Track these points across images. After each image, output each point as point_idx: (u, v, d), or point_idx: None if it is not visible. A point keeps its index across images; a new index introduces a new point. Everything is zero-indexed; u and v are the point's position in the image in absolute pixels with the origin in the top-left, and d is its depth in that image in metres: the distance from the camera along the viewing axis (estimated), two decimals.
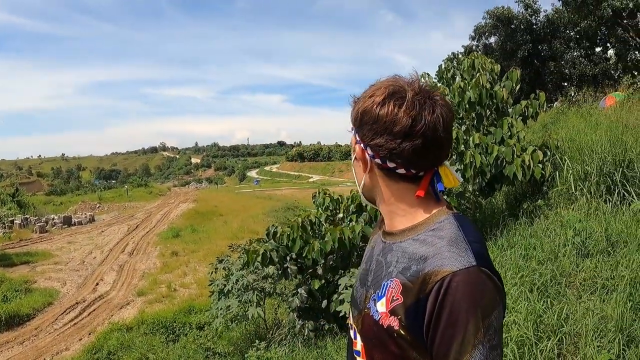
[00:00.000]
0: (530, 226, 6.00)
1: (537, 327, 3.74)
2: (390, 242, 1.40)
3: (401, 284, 1.25)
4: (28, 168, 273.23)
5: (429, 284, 1.18)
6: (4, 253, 24.96)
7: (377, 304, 1.31)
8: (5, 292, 16.84)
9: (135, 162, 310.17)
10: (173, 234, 28.75)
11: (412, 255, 1.28)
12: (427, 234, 1.30)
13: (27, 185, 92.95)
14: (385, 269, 1.36)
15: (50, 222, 37.67)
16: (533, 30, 24.60)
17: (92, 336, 13.03)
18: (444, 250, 1.22)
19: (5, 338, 13.45)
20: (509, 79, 7.29)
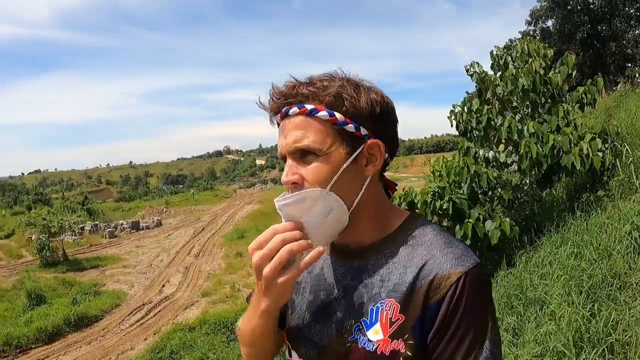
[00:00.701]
0: (587, 220, 5.63)
1: (580, 335, 3.39)
2: (360, 262, 1.22)
3: (398, 302, 1.12)
4: (97, 177, 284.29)
5: (440, 288, 1.09)
6: (74, 258, 26.02)
7: (368, 332, 1.14)
8: (74, 295, 17.52)
9: (201, 167, 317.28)
10: (238, 235, 29.16)
11: (404, 268, 1.15)
12: (411, 242, 1.19)
13: (97, 193, 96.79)
14: (366, 293, 1.18)
15: (119, 228, 38.95)
16: (590, 10, 23.65)
17: (157, 336, 13.36)
18: (444, 253, 1.13)
19: (74, 338, 14.02)
20: (564, 63, 6.93)
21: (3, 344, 13.39)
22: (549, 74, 6.89)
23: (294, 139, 1.15)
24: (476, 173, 6.65)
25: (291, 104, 1.16)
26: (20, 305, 16.98)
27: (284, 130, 1.18)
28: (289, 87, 1.19)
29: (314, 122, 1.15)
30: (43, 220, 26.97)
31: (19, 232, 39.08)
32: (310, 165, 1.15)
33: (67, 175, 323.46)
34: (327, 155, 1.14)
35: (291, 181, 1.15)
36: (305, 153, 1.15)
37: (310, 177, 1.14)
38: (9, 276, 22.98)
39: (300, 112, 1.15)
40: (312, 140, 1.14)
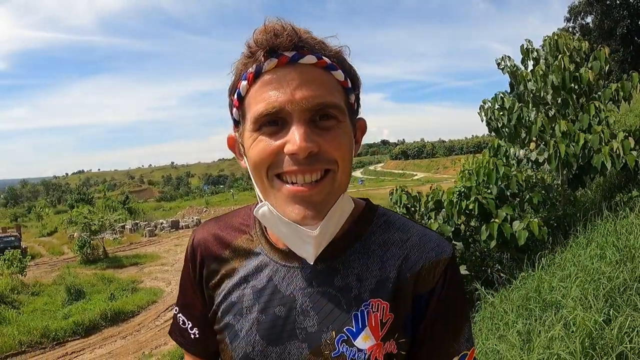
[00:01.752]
0: (614, 221, 5.42)
1: (591, 342, 3.21)
2: (327, 263, 1.03)
3: (386, 300, 1.00)
4: (139, 177, 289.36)
5: (430, 277, 1.01)
6: (114, 256, 26.60)
7: (356, 341, 0.98)
8: (112, 291, 17.90)
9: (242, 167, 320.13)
10: None
11: (382, 262, 1.03)
12: (380, 233, 1.07)
13: (139, 193, 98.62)
14: (343, 298, 1.01)
15: (159, 227, 39.60)
16: (630, 4, 22.94)
17: None
18: (424, 241, 1.05)
19: (110, 333, 14.33)
20: (597, 58, 6.67)
21: (41, 336, 13.75)
22: (581, 69, 6.67)
23: (318, 92, 0.91)
24: (505, 175, 6.51)
25: (302, 50, 0.92)
26: (60, 300, 17.46)
27: (295, 78, 0.91)
28: (288, 29, 0.92)
29: (332, 79, 0.95)
30: (84, 218, 27.62)
31: (61, 230, 40.27)
32: (331, 132, 0.93)
33: (110, 175, 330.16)
34: (344, 123, 0.95)
35: (311, 149, 0.89)
36: (324, 115, 0.92)
37: (333, 145, 0.93)
38: (50, 272, 23.62)
39: (318, 64, 0.93)
40: (338, 99, 0.94)
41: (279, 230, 0.99)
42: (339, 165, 0.93)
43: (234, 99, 1.00)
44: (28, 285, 19.77)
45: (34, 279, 21.21)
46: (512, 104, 6.95)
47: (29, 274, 21.14)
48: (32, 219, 60.07)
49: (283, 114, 0.90)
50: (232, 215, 1.21)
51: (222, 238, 1.15)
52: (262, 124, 0.92)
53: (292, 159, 0.90)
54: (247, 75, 0.94)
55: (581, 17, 24.78)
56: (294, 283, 1.04)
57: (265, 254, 1.09)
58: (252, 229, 1.14)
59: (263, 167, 0.94)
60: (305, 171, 0.91)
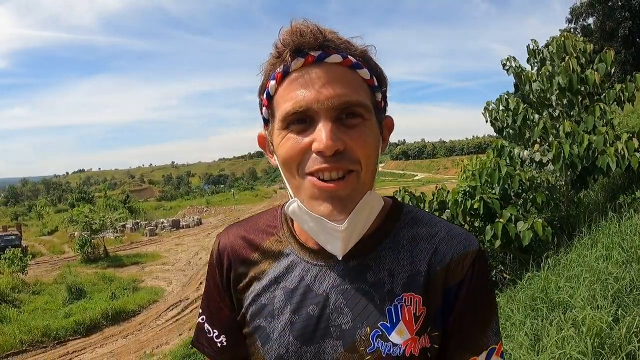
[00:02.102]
0: (619, 222, 5.45)
1: (600, 342, 3.22)
2: (358, 260, 1.04)
3: (419, 294, 1.01)
4: (140, 176, 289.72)
5: (458, 270, 1.03)
6: (115, 255, 26.61)
7: (391, 336, 0.99)
8: (114, 290, 17.90)
9: (242, 167, 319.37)
10: None
11: (412, 257, 1.04)
12: (408, 228, 1.08)
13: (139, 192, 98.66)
14: (376, 293, 1.02)
15: (160, 226, 39.59)
16: (632, 5, 22.95)
17: (192, 332, 13.49)
18: (451, 235, 1.06)
19: (111, 332, 14.33)
20: (603, 60, 6.68)
21: (42, 335, 13.75)
22: (587, 71, 6.68)
23: (344, 91, 0.93)
24: (508, 175, 6.51)
25: (328, 49, 0.95)
26: (61, 299, 17.45)
27: (321, 77, 0.93)
28: (313, 29, 0.95)
29: (358, 77, 0.97)
30: (85, 217, 27.62)
31: (62, 229, 40.26)
32: (356, 130, 0.94)
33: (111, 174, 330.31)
34: (370, 121, 0.97)
35: (337, 147, 0.91)
36: (350, 113, 0.94)
37: (358, 144, 0.94)
38: (51, 271, 23.62)
39: (344, 62, 0.95)
40: (364, 97, 0.95)
41: (308, 226, 1.00)
42: (362, 163, 0.95)
43: (263, 98, 1.02)
44: (29, 284, 19.76)
45: (35, 277, 21.21)
46: (516, 105, 6.95)
47: (29, 272, 21.12)
48: (32, 217, 60.00)
49: (310, 113, 0.92)
50: (256, 217, 1.22)
51: (249, 240, 1.15)
52: (290, 122, 0.94)
53: (319, 156, 0.92)
54: (275, 75, 0.96)
55: (583, 18, 24.82)
56: (326, 281, 1.04)
57: (295, 254, 1.09)
58: (279, 230, 1.14)
59: (292, 164, 0.96)
60: (332, 168, 0.92)
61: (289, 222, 1.14)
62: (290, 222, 1.14)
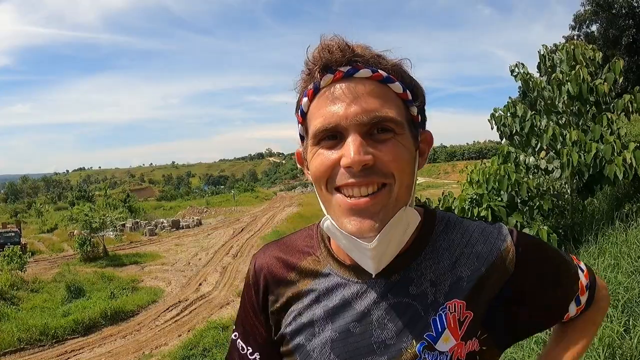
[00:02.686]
0: (626, 231, 5.43)
1: (612, 352, 3.20)
2: (400, 274, 1.03)
3: (462, 299, 1.00)
4: (140, 175, 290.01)
5: (505, 267, 1.03)
6: (114, 254, 26.57)
7: (437, 345, 0.98)
8: (113, 290, 17.87)
9: (243, 168, 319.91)
10: (277, 237, 28.69)
11: (451, 264, 1.03)
12: (443, 235, 1.08)
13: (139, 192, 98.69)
14: (420, 305, 1.01)
15: (160, 226, 39.60)
16: (636, 13, 23.02)
17: (191, 333, 13.50)
18: (485, 235, 1.07)
19: (110, 332, 14.30)
20: (612, 70, 6.63)
21: (40, 333, 13.72)
22: (596, 80, 6.64)
23: (373, 107, 0.92)
24: (517, 182, 6.49)
25: (356, 64, 0.94)
26: (60, 298, 17.43)
27: (349, 93, 0.93)
28: (342, 44, 0.95)
29: (390, 92, 0.95)
30: (85, 216, 27.61)
31: (62, 227, 40.27)
32: (387, 145, 0.93)
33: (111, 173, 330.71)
34: (403, 136, 0.95)
35: (366, 161, 0.90)
36: (381, 128, 0.93)
37: (390, 158, 0.92)
38: (50, 269, 23.60)
39: (374, 77, 0.94)
40: (395, 112, 0.94)
41: (342, 243, 1.01)
42: (396, 178, 0.93)
43: (297, 115, 1.03)
44: (27, 282, 19.74)
45: (34, 275, 21.19)
46: (524, 112, 6.92)
47: (28, 270, 21.10)
48: (32, 215, 60.07)
49: (339, 129, 0.93)
50: (292, 237, 1.22)
51: (286, 261, 1.15)
52: (321, 138, 0.95)
53: (347, 172, 0.92)
54: (307, 92, 0.98)
55: (586, 25, 24.86)
56: (367, 298, 1.03)
57: (335, 273, 1.09)
58: (317, 250, 1.14)
59: (322, 180, 0.96)
60: (361, 184, 0.92)
61: (326, 241, 1.13)
62: (327, 241, 1.13)
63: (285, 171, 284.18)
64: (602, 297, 1.22)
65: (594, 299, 1.19)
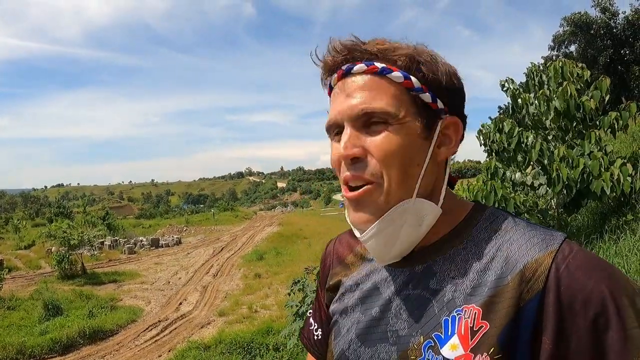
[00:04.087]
0: (616, 244, 5.49)
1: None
2: (424, 265, 1.01)
3: (479, 306, 0.90)
4: (119, 193, 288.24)
5: (534, 280, 0.87)
6: (93, 272, 26.17)
7: (443, 349, 0.91)
8: (91, 308, 17.54)
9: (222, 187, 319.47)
10: (257, 256, 28.96)
11: (481, 265, 0.94)
12: (484, 234, 0.99)
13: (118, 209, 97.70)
14: (435, 302, 0.96)
15: (139, 244, 39.24)
16: (613, 34, 23.74)
17: (171, 353, 13.27)
18: (526, 238, 0.93)
19: (88, 351, 13.95)
20: (598, 88, 6.77)
21: (16, 352, 13.38)
22: (583, 97, 6.75)
23: (362, 100, 0.95)
24: (503, 197, 6.51)
25: (356, 60, 0.98)
26: (36, 316, 17.01)
27: (344, 90, 0.98)
28: (351, 42, 0.99)
29: (386, 83, 0.95)
30: (63, 233, 27.21)
31: (39, 244, 39.59)
32: (378, 136, 0.94)
33: (90, 190, 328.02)
34: (400, 125, 0.94)
35: (352, 155, 0.94)
36: (373, 120, 0.94)
37: (377, 150, 0.93)
38: (27, 286, 23.13)
39: (368, 70, 0.96)
40: (385, 103, 0.94)
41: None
42: (385, 173, 0.94)
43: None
44: (4, 299, 19.30)
45: (10, 292, 20.71)
46: (511, 128, 6.97)
47: (4, 287, 20.63)
48: (9, 231, 58.93)
49: (339, 124, 0.99)
50: None
51: (349, 244, 1.24)
52: (332, 133, 1.02)
53: (344, 164, 0.97)
54: (327, 92, 1.06)
55: (565, 45, 25.47)
56: (392, 286, 1.05)
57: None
58: None
59: (337, 170, 1.01)
60: (351, 177, 0.96)
61: None
62: None
63: (265, 190, 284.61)
64: None
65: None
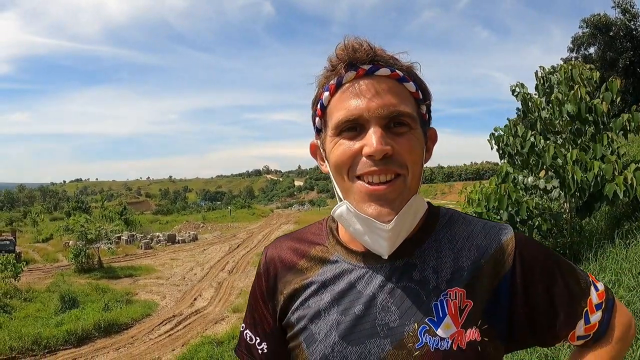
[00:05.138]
0: (626, 249, 5.49)
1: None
2: (404, 259, 1.08)
3: (463, 288, 1.04)
4: (137, 189, 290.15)
5: (504, 260, 1.08)
6: (109, 266, 26.43)
7: (438, 330, 1.02)
8: (107, 302, 17.74)
9: (240, 185, 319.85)
10: None
11: (453, 253, 1.09)
12: (446, 227, 1.14)
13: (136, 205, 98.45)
14: (422, 290, 1.05)
15: (155, 240, 39.44)
16: (633, 36, 23.39)
17: (185, 348, 13.39)
18: (487, 229, 1.13)
19: (103, 344, 14.15)
20: (609, 89, 6.74)
21: (32, 343, 13.58)
22: (595, 100, 6.69)
23: (393, 102, 1.01)
24: (517, 201, 6.52)
25: (377, 63, 1.03)
26: (53, 308, 17.29)
27: (371, 88, 1.01)
28: (365, 45, 1.04)
29: (406, 90, 1.05)
30: (81, 227, 27.50)
31: (57, 237, 40.08)
32: (403, 138, 1.01)
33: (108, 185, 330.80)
34: (416, 131, 1.04)
35: (387, 151, 0.98)
36: (398, 122, 1.02)
37: (406, 150, 1.01)
38: (44, 279, 23.48)
39: (392, 76, 1.03)
40: (411, 108, 1.03)
41: (354, 228, 1.06)
42: (409, 169, 1.02)
43: (317, 108, 1.11)
44: (21, 291, 19.61)
45: (27, 284, 21.04)
46: (524, 132, 6.95)
47: (22, 279, 20.94)
48: (27, 224, 59.77)
49: (361, 121, 1.01)
50: (303, 231, 1.30)
51: (297, 250, 1.22)
52: (343, 129, 1.03)
53: (369, 160, 1.00)
54: (329, 86, 1.06)
55: (584, 47, 25.16)
56: (373, 282, 1.09)
57: (343, 260, 1.15)
58: (325, 240, 1.21)
59: (344, 168, 1.03)
60: (381, 171, 1.00)
61: (334, 232, 1.20)
62: (335, 232, 1.20)
63: (282, 189, 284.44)
64: (621, 326, 1.14)
65: (610, 325, 1.12)
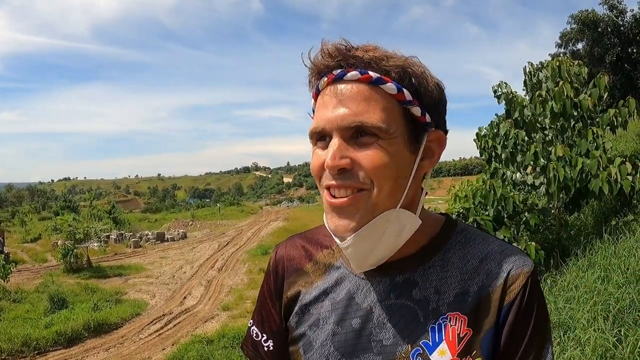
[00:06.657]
0: (615, 244, 5.50)
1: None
2: (405, 275, 1.04)
3: (464, 314, 0.98)
4: (126, 187, 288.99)
5: (511, 291, 0.99)
6: (98, 265, 26.28)
7: (432, 355, 0.97)
8: (96, 302, 17.63)
9: (229, 182, 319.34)
10: (262, 251, 28.92)
11: (461, 275, 1.02)
12: (460, 246, 1.06)
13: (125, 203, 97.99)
14: (420, 310, 1.00)
15: (144, 238, 39.32)
16: (621, 32, 23.61)
17: (175, 347, 13.34)
18: (505, 255, 1.03)
19: (93, 344, 14.08)
20: (596, 86, 6.73)
21: (21, 344, 13.49)
22: (580, 96, 6.71)
23: (355, 111, 0.92)
24: (502, 197, 6.52)
25: (349, 67, 0.95)
26: (42, 308, 17.16)
27: (335, 97, 0.94)
28: (343, 48, 0.96)
29: (378, 94, 0.93)
30: (69, 226, 27.34)
31: (45, 237, 39.80)
32: (368, 150, 0.92)
33: (96, 184, 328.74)
34: (389, 140, 0.93)
35: (339, 166, 0.92)
36: (364, 132, 0.93)
37: (367, 163, 0.92)
38: (33, 279, 23.28)
39: (362, 79, 0.93)
40: (378, 117, 0.92)
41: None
42: (375, 183, 0.93)
43: (311, 116, 1.06)
44: (10, 292, 19.44)
45: (16, 285, 20.85)
46: (508, 130, 6.95)
47: (11, 280, 20.75)
48: (15, 224, 59.22)
49: (326, 132, 0.95)
50: (315, 231, 1.24)
51: (306, 251, 1.19)
52: (316, 139, 0.99)
53: (329, 173, 0.94)
54: (312, 94, 1.03)
55: (572, 43, 25.32)
56: (371, 295, 1.05)
57: (345, 267, 1.11)
58: (333, 243, 1.14)
59: (317, 178, 1.00)
60: (338, 186, 0.94)
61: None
62: None
63: (271, 185, 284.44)
64: None
65: None
